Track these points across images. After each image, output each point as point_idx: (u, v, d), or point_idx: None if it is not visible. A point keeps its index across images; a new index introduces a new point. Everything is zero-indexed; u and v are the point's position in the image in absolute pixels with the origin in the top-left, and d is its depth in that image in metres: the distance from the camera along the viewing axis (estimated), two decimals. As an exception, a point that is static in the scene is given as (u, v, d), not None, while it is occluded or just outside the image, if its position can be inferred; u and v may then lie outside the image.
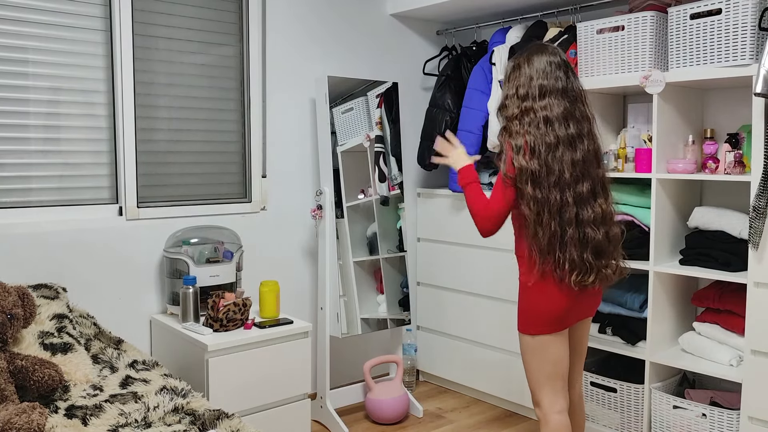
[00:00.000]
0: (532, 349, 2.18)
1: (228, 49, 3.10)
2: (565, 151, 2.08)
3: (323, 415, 3.15)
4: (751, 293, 2.42)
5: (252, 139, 3.16)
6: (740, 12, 2.42)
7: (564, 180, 2.07)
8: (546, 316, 2.13)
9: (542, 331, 2.15)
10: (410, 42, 3.74)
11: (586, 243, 2.09)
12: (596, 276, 2.11)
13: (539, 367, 2.18)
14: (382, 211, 3.30)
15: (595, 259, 2.10)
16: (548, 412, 2.18)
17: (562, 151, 2.07)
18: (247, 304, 2.66)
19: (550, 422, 2.17)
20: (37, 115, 2.60)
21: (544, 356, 2.17)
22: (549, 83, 2.11)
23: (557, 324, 2.14)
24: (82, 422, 1.88)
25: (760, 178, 2.34)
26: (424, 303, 3.71)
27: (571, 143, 2.09)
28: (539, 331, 2.15)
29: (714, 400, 2.71)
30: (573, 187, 2.08)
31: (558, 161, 2.07)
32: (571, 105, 2.12)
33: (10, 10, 2.51)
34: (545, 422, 2.18)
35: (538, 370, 2.18)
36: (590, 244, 2.09)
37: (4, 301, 2.01)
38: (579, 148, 2.10)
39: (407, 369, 3.55)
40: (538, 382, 2.19)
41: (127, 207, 2.79)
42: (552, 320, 2.14)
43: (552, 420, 2.17)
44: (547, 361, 2.16)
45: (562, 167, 2.07)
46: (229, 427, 1.87)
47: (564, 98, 2.12)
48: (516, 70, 2.18)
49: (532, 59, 2.15)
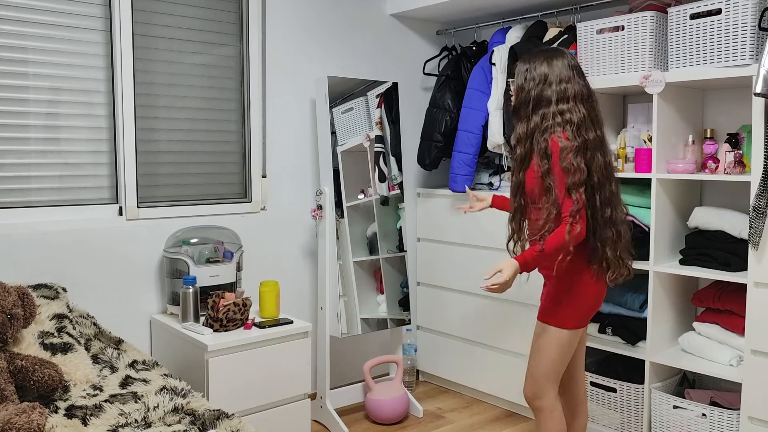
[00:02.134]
0: (562, 343, 2.23)
1: (228, 49, 3.10)
2: (595, 153, 2.16)
3: (323, 415, 3.15)
4: (751, 293, 2.42)
5: (252, 139, 3.16)
6: (740, 12, 2.42)
7: (597, 182, 2.15)
8: (587, 311, 2.24)
9: (578, 326, 2.24)
10: (410, 42, 3.74)
11: (619, 241, 2.20)
12: (628, 273, 2.23)
13: (559, 361, 2.25)
14: (382, 211, 3.30)
15: (625, 257, 2.23)
16: (555, 404, 2.26)
17: (592, 154, 2.15)
18: (247, 304, 2.66)
19: (556, 413, 2.25)
20: (37, 115, 2.60)
21: (569, 351, 2.26)
22: (574, 87, 2.17)
23: (587, 319, 2.27)
24: (82, 422, 1.88)
25: (760, 178, 2.34)
26: (424, 303, 3.71)
27: (597, 146, 2.17)
28: (576, 326, 2.23)
29: (714, 400, 2.71)
30: (603, 188, 2.17)
31: (591, 163, 2.15)
32: (593, 109, 2.21)
33: (10, 10, 2.51)
34: (551, 413, 2.25)
35: (558, 363, 2.25)
36: (622, 243, 2.20)
37: (4, 301, 2.01)
38: (604, 152, 2.20)
39: (407, 369, 3.55)
40: (549, 376, 2.25)
41: (127, 207, 2.79)
42: (588, 316, 2.25)
43: (558, 410, 2.26)
44: (567, 355, 2.26)
45: (595, 169, 2.15)
46: (229, 427, 1.87)
47: (587, 102, 2.20)
48: (535, 71, 2.19)
49: (553, 62, 2.19)
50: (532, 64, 2.21)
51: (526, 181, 2.21)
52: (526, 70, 2.22)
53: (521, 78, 2.23)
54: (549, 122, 2.15)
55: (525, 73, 2.22)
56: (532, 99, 2.19)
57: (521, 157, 2.22)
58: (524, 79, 2.22)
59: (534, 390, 2.27)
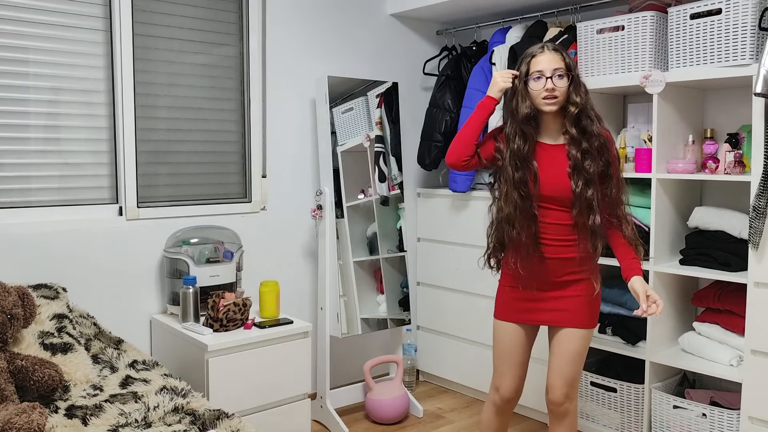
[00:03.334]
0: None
1: (228, 49, 3.10)
2: None
3: (323, 415, 3.15)
4: (751, 293, 2.42)
5: (252, 139, 3.16)
6: (740, 12, 2.42)
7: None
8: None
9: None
10: (410, 42, 3.74)
11: None
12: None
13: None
14: (382, 211, 3.30)
15: None
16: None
17: None
18: (247, 304, 2.66)
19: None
20: (37, 115, 2.60)
21: None
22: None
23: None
24: (82, 422, 1.89)
25: (760, 178, 2.34)
26: (424, 303, 3.71)
27: None
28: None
29: (714, 400, 2.71)
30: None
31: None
32: None
33: (10, 10, 2.51)
34: (576, 413, 2.28)
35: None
36: None
37: (4, 301, 2.01)
38: None
39: (407, 369, 3.55)
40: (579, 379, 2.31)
41: (127, 207, 2.79)
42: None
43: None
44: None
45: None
46: (229, 427, 1.87)
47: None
48: (572, 60, 2.17)
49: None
50: (565, 53, 2.16)
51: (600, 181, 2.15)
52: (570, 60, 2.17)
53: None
54: (589, 113, 2.15)
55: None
56: (581, 92, 2.17)
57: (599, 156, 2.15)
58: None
59: (571, 393, 2.22)
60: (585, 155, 2.10)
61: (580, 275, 2.19)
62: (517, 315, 2.26)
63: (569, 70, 2.10)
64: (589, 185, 2.09)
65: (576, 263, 2.17)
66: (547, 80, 2.08)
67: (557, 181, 2.13)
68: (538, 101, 2.11)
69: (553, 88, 2.08)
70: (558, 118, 2.15)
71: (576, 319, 2.19)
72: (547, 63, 2.09)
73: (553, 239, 2.17)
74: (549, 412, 2.28)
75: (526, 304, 2.24)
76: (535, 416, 3.20)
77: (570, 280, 2.20)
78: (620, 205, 2.16)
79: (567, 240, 2.16)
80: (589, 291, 2.20)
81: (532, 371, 2.43)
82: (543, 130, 2.18)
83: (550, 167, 2.14)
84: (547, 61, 2.09)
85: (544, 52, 2.11)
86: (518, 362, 2.28)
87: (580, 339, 2.20)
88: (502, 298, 2.31)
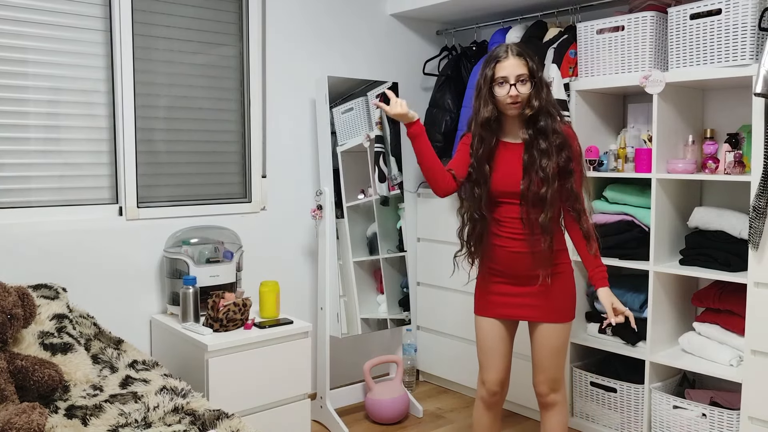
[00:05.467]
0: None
1: (228, 49, 3.10)
2: None
3: (323, 415, 3.15)
4: (751, 293, 2.42)
5: (252, 139, 3.16)
6: (740, 12, 2.42)
7: None
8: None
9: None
10: (410, 42, 3.74)
11: None
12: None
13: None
14: (382, 211, 3.30)
15: None
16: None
17: None
18: (247, 304, 2.66)
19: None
20: (37, 115, 2.60)
21: None
22: None
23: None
24: (82, 422, 1.88)
25: (760, 178, 2.34)
26: (424, 303, 3.71)
27: None
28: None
29: (714, 400, 2.71)
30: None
31: None
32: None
33: (10, 10, 2.51)
34: (566, 403, 2.33)
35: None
36: None
37: (4, 301, 2.00)
38: None
39: (407, 369, 3.55)
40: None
41: (127, 207, 2.79)
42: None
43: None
44: None
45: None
46: (229, 427, 1.87)
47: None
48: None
49: None
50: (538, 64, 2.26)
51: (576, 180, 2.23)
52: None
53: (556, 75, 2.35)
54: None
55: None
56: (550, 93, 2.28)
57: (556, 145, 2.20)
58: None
59: (555, 386, 2.29)
60: (542, 154, 2.16)
61: (555, 269, 2.24)
62: (495, 310, 2.31)
63: (532, 75, 2.15)
64: (544, 183, 2.15)
65: (546, 258, 2.21)
66: (511, 87, 2.13)
67: (511, 179, 2.21)
68: (502, 105, 2.18)
69: (516, 95, 2.14)
70: (519, 119, 2.21)
71: (552, 314, 2.25)
72: (511, 69, 2.14)
73: (509, 233, 2.24)
74: (539, 404, 2.36)
75: (502, 299, 2.29)
76: (535, 416, 3.20)
77: (542, 274, 2.22)
78: (580, 198, 2.22)
79: (520, 234, 2.22)
80: (564, 285, 2.26)
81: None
82: (507, 129, 2.25)
83: (508, 165, 2.22)
84: (512, 66, 2.14)
85: (508, 57, 2.15)
86: (501, 354, 2.33)
87: (559, 333, 2.25)
88: (479, 293, 2.38)
